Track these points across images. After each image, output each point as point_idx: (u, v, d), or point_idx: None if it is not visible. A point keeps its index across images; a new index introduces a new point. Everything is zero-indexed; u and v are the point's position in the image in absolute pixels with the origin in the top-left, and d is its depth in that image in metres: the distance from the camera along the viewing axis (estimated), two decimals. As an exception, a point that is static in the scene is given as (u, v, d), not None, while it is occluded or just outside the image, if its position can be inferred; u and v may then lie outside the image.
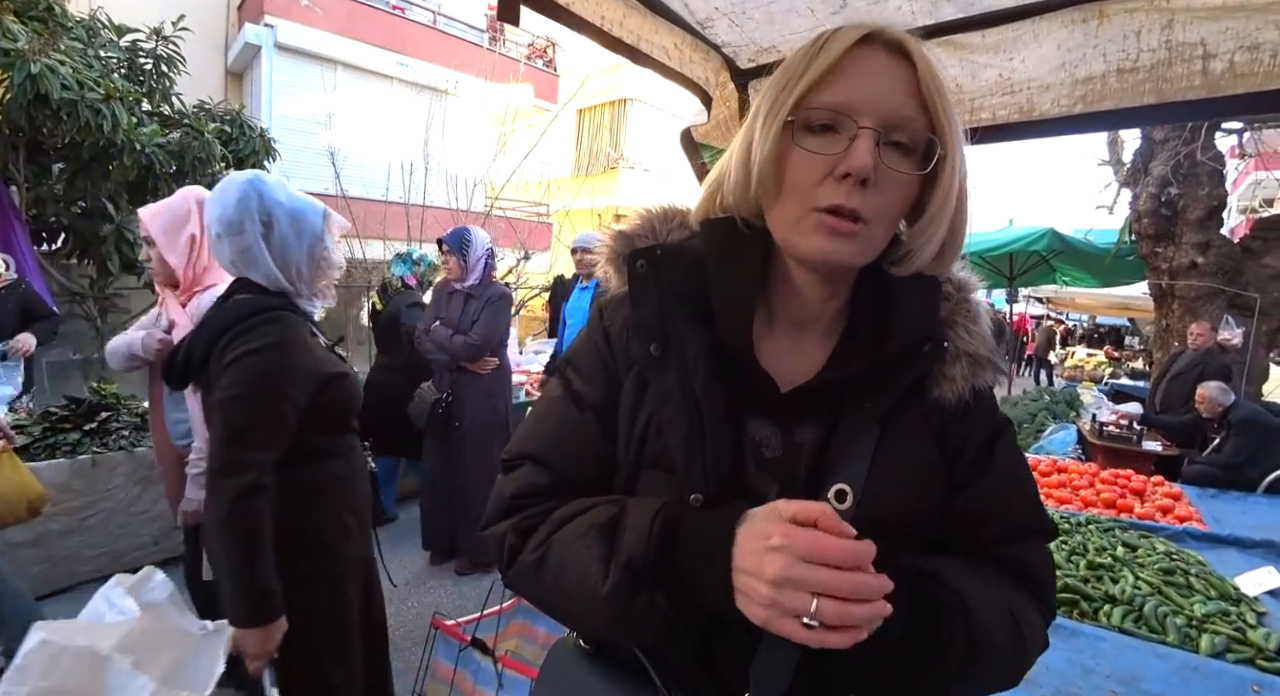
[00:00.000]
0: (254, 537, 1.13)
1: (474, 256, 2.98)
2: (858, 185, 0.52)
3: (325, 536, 1.32)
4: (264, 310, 1.25)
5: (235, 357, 1.18)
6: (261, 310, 1.25)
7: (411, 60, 9.64)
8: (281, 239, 1.31)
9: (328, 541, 1.32)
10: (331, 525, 1.33)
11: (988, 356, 0.61)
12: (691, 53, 1.47)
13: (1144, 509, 2.56)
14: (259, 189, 1.29)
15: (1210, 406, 3.66)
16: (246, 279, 1.31)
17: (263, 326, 1.22)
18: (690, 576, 0.51)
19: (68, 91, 3.53)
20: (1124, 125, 1.80)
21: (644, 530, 0.52)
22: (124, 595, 1.05)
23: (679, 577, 0.51)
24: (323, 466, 1.33)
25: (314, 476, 1.30)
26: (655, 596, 0.51)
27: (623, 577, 0.52)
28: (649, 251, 0.62)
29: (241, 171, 1.36)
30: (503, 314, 3.02)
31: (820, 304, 0.62)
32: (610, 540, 0.54)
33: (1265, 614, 1.68)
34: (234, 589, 1.13)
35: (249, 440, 1.17)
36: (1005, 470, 0.63)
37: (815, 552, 0.45)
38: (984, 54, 1.27)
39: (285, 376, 1.22)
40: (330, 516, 1.33)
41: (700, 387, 0.57)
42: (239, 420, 1.17)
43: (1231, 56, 1.05)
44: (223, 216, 1.27)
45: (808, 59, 0.55)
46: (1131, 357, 12.24)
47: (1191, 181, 4.92)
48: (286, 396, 1.22)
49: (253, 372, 1.18)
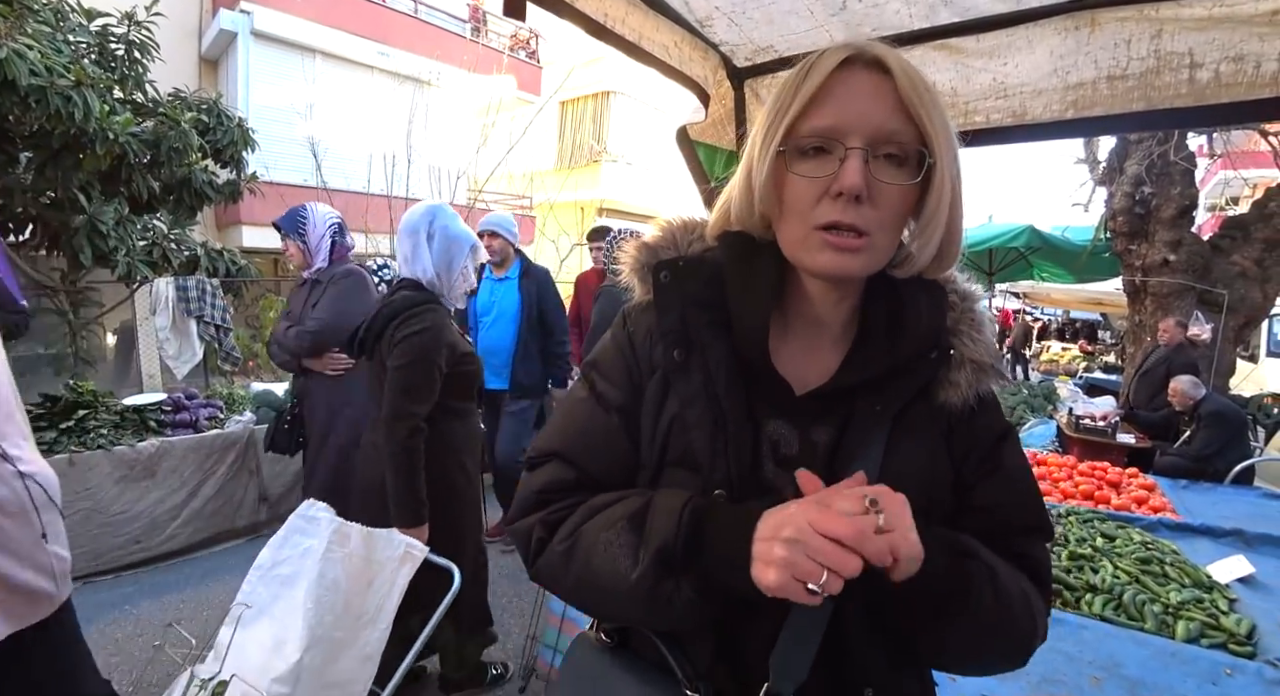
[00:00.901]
0: (415, 465, 1.64)
1: (315, 236, 2.39)
2: (852, 202, 0.55)
3: (450, 477, 1.78)
4: (423, 303, 1.72)
5: (406, 336, 1.66)
6: (421, 303, 1.72)
7: (392, 50, 9.44)
8: (438, 249, 1.78)
9: (451, 482, 1.78)
10: (454, 469, 1.80)
11: (991, 363, 0.64)
12: (690, 51, 1.47)
13: (1120, 500, 2.65)
14: (435, 211, 1.81)
15: (1182, 399, 3.78)
16: (408, 278, 1.78)
17: (424, 314, 1.70)
18: (715, 557, 0.53)
19: (36, 77, 3.40)
20: (1113, 131, 1.84)
21: (674, 518, 0.55)
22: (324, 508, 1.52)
23: (706, 562, 0.53)
24: (451, 424, 1.79)
25: (444, 430, 1.75)
26: (681, 582, 0.54)
27: (652, 563, 0.54)
28: (672, 263, 0.66)
29: (433, 201, 1.86)
30: (351, 297, 2.31)
31: (832, 309, 0.65)
32: (640, 528, 0.57)
33: (1236, 600, 1.75)
34: (400, 501, 1.63)
35: (414, 396, 1.65)
36: (1011, 470, 0.66)
37: (822, 527, 0.47)
38: (978, 58, 1.29)
39: (438, 351, 1.68)
40: (455, 463, 1.80)
41: (723, 390, 0.60)
42: (407, 381, 1.65)
43: (1218, 66, 1.08)
44: (408, 221, 1.79)
45: (794, 87, 0.58)
46: (1105, 352, 12.56)
47: (1164, 181, 5.05)
48: (437, 365, 1.68)
49: (417, 347, 1.66)
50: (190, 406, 3.37)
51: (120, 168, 4.06)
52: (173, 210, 4.97)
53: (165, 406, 3.28)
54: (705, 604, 0.54)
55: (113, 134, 3.85)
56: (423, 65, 9.06)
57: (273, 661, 1.32)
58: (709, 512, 0.55)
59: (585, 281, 3.92)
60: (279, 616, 1.39)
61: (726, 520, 0.54)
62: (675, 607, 0.55)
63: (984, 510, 0.64)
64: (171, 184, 4.71)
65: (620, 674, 0.64)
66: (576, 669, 0.68)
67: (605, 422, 0.66)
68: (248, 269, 5.51)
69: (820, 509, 0.48)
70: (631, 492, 0.63)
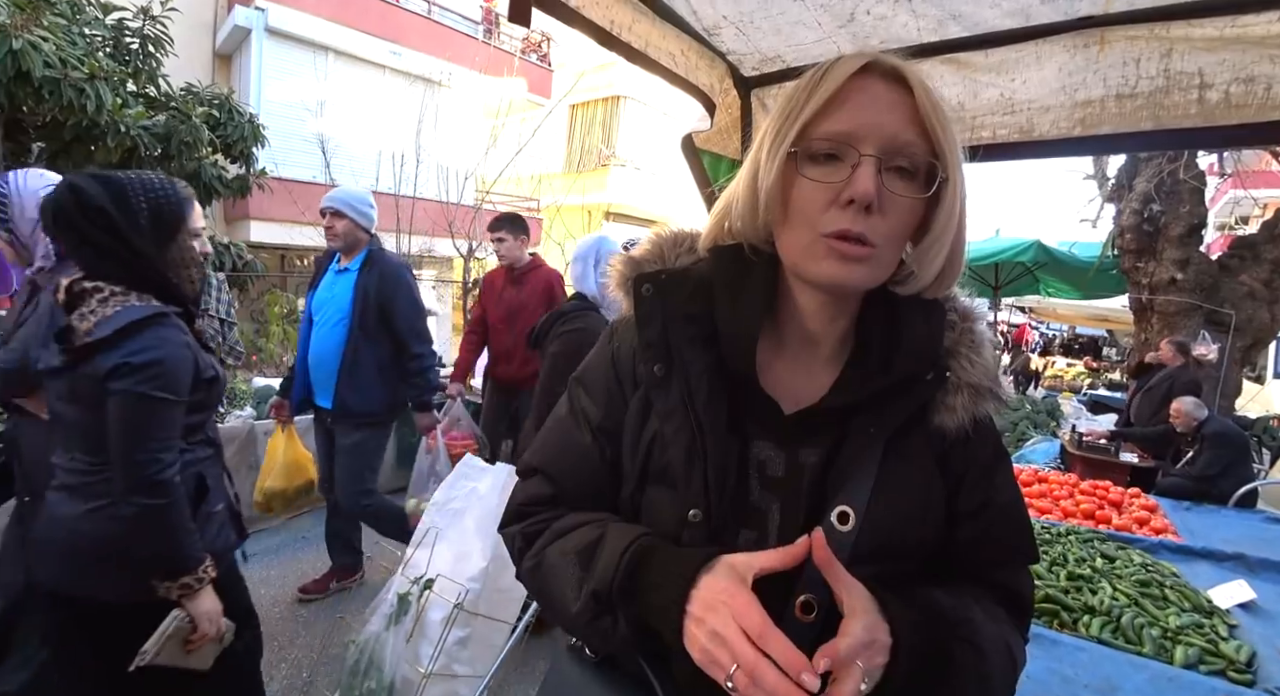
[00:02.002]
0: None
1: (25, 220, 1.47)
2: (862, 211, 0.54)
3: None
4: (583, 310, 2.15)
5: (563, 332, 2.08)
6: (582, 310, 2.15)
7: (404, 49, 9.50)
8: (599, 273, 2.13)
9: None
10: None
11: (989, 387, 0.62)
12: (697, 59, 1.47)
13: (1121, 520, 2.62)
14: (601, 241, 2.28)
15: (1185, 420, 3.75)
16: (579, 291, 2.21)
17: (580, 318, 2.11)
18: (648, 608, 0.54)
19: (50, 69, 3.44)
20: (1121, 149, 1.83)
21: (614, 562, 0.56)
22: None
23: (638, 607, 0.54)
24: None
25: None
26: (618, 620, 0.56)
27: (588, 602, 0.57)
28: (654, 276, 0.65)
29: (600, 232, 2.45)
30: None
31: (826, 325, 0.63)
32: (587, 564, 0.58)
33: (1237, 626, 1.73)
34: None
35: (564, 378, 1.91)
36: (1004, 500, 0.65)
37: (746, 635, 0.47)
38: (986, 73, 1.28)
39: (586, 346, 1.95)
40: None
41: (701, 405, 0.59)
42: (563, 367, 1.91)
43: (1228, 87, 1.07)
44: (579, 248, 2.28)
45: (809, 90, 0.57)
46: (1109, 368, 12.49)
47: (1173, 199, 5.03)
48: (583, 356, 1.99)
49: (570, 341, 2.04)
50: (191, 400, 3.37)
51: (131, 160, 4.09)
52: (181, 204, 5.00)
53: (166, 399, 3.28)
54: (643, 639, 0.55)
55: (124, 127, 3.88)
56: (434, 65, 9.12)
57: (461, 567, 1.72)
58: (650, 559, 0.55)
59: (491, 282, 3.42)
60: (453, 540, 1.80)
61: (665, 571, 0.54)
62: (614, 640, 0.57)
63: (971, 542, 0.64)
64: (182, 177, 4.74)
65: (602, 689, 0.63)
66: (559, 681, 0.67)
67: (580, 441, 0.67)
68: (254, 263, 5.54)
69: (762, 629, 0.47)
70: (595, 519, 0.63)
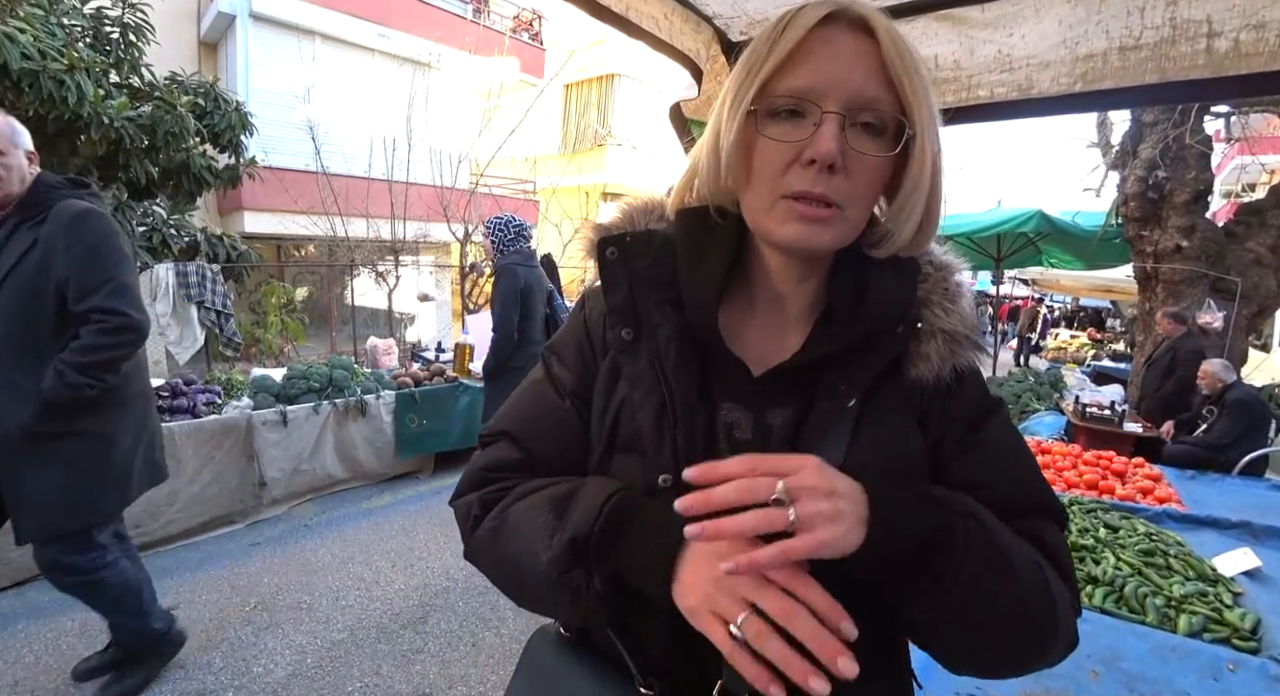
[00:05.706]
0: None
1: None
2: (824, 171, 0.51)
3: None
4: None
5: None
6: None
7: (392, 31, 9.33)
8: None
9: None
10: None
11: (966, 334, 0.59)
12: (682, 24, 1.41)
13: (1125, 490, 2.60)
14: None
15: (1211, 382, 3.73)
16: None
17: None
18: (632, 557, 0.51)
19: (28, 61, 3.37)
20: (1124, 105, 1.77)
21: (594, 509, 0.53)
22: None
23: (619, 558, 0.51)
24: None
25: None
26: (590, 574, 0.52)
27: (564, 549, 0.53)
28: (618, 239, 0.63)
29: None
30: None
31: (794, 287, 0.61)
32: (562, 512, 0.55)
33: (1241, 594, 1.71)
34: None
35: None
36: (997, 445, 0.61)
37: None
38: (983, 29, 1.23)
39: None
40: None
41: (671, 370, 0.58)
42: None
43: (1237, 35, 1.02)
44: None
45: (770, 43, 0.53)
46: (1113, 339, 12.42)
47: (1179, 165, 4.93)
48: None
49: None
50: (188, 392, 3.37)
51: (117, 153, 4.05)
52: (171, 195, 4.96)
53: (163, 392, 3.27)
54: (612, 600, 0.52)
55: (108, 118, 3.83)
56: (423, 47, 8.96)
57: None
58: (633, 511, 0.53)
59: None
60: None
61: (658, 515, 0.51)
62: (581, 600, 0.53)
63: (970, 485, 0.57)
64: (170, 169, 4.69)
65: (576, 669, 0.61)
66: (533, 662, 0.65)
67: (557, 406, 0.64)
68: (248, 254, 5.50)
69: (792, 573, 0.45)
70: (569, 478, 0.61)
